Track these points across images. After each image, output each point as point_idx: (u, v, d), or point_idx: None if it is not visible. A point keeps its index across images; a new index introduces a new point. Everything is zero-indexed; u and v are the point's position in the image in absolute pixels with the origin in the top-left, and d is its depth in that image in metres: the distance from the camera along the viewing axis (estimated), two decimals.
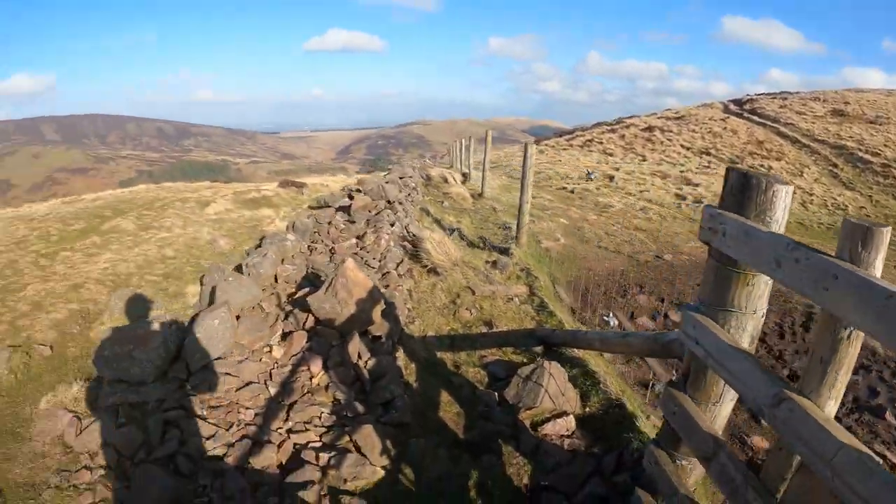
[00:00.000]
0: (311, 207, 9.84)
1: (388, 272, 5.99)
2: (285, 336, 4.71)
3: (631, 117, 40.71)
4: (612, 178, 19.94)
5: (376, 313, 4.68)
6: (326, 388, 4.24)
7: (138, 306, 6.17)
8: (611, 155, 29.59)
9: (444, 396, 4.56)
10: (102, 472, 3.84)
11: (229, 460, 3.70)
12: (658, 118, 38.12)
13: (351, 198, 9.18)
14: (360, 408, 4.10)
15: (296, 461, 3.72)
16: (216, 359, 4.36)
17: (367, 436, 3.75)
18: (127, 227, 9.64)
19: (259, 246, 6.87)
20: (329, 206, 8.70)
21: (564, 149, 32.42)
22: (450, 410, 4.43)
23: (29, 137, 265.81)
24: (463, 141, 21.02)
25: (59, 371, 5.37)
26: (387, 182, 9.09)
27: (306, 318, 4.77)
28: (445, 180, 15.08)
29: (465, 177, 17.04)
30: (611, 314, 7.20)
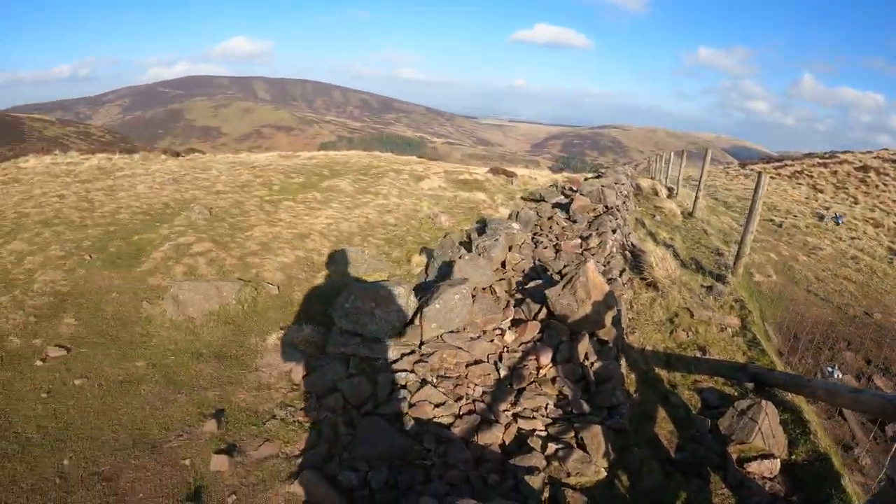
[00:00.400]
0: (523, 199, 10.14)
1: (612, 279, 6.02)
2: (515, 322, 4.96)
3: (844, 152, 37.18)
4: (821, 217, 18.26)
5: (608, 318, 4.76)
6: (553, 380, 4.43)
7: (363, 266, 6.76)
8: (820, 191, 27.44)
9: (661, 412, 4.69)
10: (330, 415, 4.22)
11: (456, 431, 3.99)
12: (874, 157, 34.22)
13: (566, 196, 9.28)
14: (585, 407, 4.23)
15: (519, 445, 3.94)
16: (450, 332, 4.71)
17: (595, 436, 3.88)
18: (345, 189, 10.58)
19: (481, 228, 7.21)
20: (545, 201, 8.89)
21: (772, 177, 30.40)
22: (664, 427, 4.55)
23: (242, 94, 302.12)
24: (672, 155, 20.32)
25: (283, 311, 6.03)
26: (604, 186, 9.10)
27: (539, 310, 4.99)
28: (656, 193, 14.72)
29: (671, 192, 16.49)
30: (835, 367, 6.85)
